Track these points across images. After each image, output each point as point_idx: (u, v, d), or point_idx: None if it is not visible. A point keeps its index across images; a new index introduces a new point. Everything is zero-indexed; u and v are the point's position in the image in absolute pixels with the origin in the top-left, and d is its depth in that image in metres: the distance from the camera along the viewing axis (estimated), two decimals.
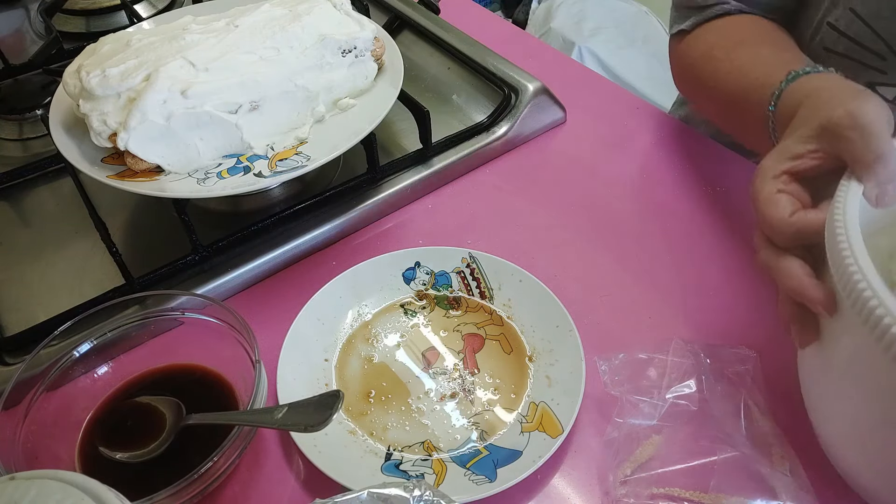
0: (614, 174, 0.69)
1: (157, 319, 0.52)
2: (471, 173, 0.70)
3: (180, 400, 0.48)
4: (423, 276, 0.58)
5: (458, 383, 0.52)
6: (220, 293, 0.58)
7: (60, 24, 0.88)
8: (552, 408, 0.48)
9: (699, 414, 0.46)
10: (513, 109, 0.72)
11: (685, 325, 0.55)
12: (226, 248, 0.59)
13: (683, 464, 0.45)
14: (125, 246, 0.59)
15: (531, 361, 0.53)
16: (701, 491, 0.43)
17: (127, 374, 0.51)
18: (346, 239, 0.64)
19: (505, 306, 0.56)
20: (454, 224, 0.65)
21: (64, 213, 0.66)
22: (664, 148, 0.71)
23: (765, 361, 0.49)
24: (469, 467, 0.46)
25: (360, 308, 0.57)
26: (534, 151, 0.72)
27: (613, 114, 0.76)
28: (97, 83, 0.54)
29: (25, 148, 0.74)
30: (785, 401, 0.48)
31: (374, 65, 0.64)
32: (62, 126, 0.59)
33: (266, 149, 0.59)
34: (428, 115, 0.65)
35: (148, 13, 0.87)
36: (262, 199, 0.65)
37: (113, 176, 0.55)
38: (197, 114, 0.55)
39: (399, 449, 0.48)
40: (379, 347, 0.54)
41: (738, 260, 0.60)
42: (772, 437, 0.46)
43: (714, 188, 0.66)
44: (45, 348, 0.48)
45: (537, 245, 0.62)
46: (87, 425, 0.48)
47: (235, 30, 0.60)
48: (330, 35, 0.60)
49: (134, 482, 0.44)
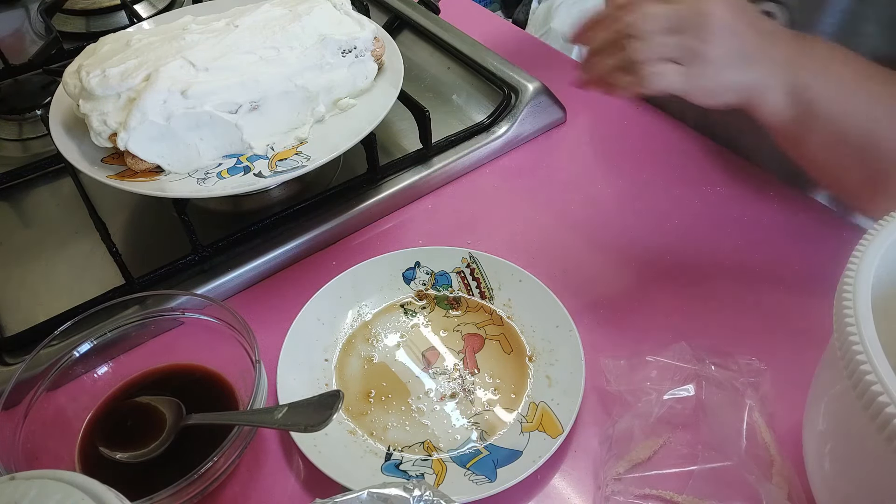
0: (614, 174, 0.69)
1: (157, 319, 0.52)
2: (471, 173, 0.70)
3: (180, 400, 0.48)
4: (423, 276, 0.58)
5: (458, 383, 0.52)
6: (220, 293, 0.58)
7: (60, 24, 0.88)
8: (552, 408, 0.48)
9: (699, 419, 0.46)
10: (513, 109, 0.72)
11: (689, 329, 0.55)
12: (226, 248, 0.59)
13: (678, 468, 0.45)
14: (125, 246, 0.59)
15: (531, 361, 0.53)
16: (695, 496, 0.43)
17: (127, 374, 0.51)
18: (346, 239, 0.64)
19: (505, 306, 0.56)
20: (454, 224, 0.65)
21: (64, 213, 0.66)
22: (664, 148, 0.71)
23: (776, 376, 0.48)
24: (469, 467, 0.46)
25: (360, 308, 0.57)
26: (534, 151, 0.72)
27: (613, 114, 0.76)
28: (97, 83, 0.54)
29: (25, 148, 0.74)
30: (793, 419, 0.47)
31: (374, 65, 0.64)
32: (62, 126, 0.59)
33: (266, 149, 0.59)
34: (428, 115, 0.65)
35: (148, 13, 0.87)
36: (262, 199, 0.65)
37: (113, 176, 0.55)
38: (197, 114, 0.55)
39: (399, 449, 0.48)
40: (379, 347, 0.54)
41: (741, 262, 0.60)
42: (774, 454, 0.45)
43: (714, 188, 0.66)
44: (45, 348, 0.48)
45: (537, 245, 0.62)
46: (87, 425, 0.48)
47: (235, 30, 0.60)
48: (330, 35, 0.61)
49: (134, 482, 0.44)
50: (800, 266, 0.59)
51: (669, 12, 0.45)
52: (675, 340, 0.49)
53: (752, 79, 0.48)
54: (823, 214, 0.64)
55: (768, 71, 0.48)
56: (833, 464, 0.39)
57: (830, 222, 0.63)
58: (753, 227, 0.62)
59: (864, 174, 0.50)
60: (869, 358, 0.32)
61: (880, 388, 0.31)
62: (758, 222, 0.63)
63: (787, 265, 0.59)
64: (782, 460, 0.45)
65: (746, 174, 0.68)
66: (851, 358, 0.32)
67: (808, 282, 0.58)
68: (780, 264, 0.59)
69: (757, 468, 0.44)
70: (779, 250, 0.60)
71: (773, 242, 0.61)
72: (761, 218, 0.63)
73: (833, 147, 0.50)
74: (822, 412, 0.39)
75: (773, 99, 0.48)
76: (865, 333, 0.33)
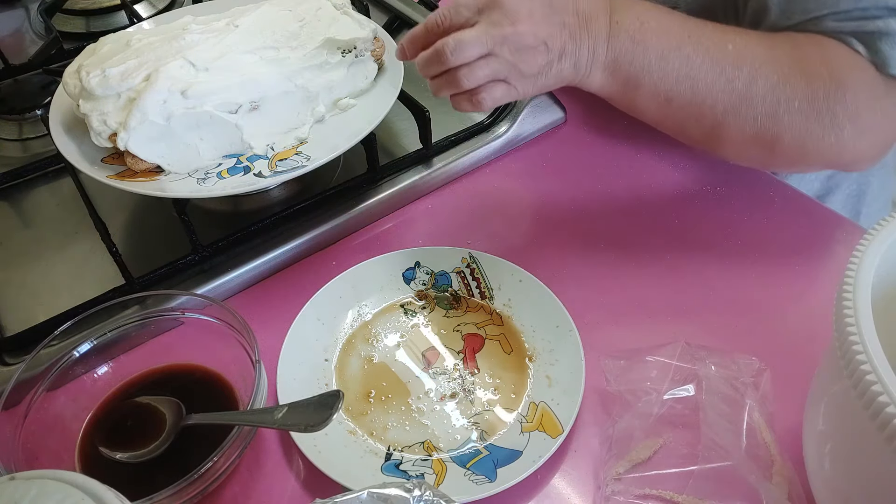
0: (614, 174, 0.69)
1: (157, 319, 0.52)
2: (471, 173, 0.70)
3: (180, 400, 0.48)
4: (423, 276, 0.58)
5: (458, 383, 0.52)
6: (220, 293, 0.58)
7: (60, 24, 0.88)
8: (552, 408, 0.48)
9: (699, 419, 0.46)
10: (513, 109, 0.72)
11: (689, 329, 0.55)
12: (226, 248, 0.59)
13: (678, 468, 0.45)
14: (125, 246, 0.59)
15: (531, 361, 0.53)
16: (695, 496, 0.43)
17: (127, 374, 0.51)
18: (346, 239, 0.64)
19: (505, 306, 0.56)
20: (454, 224, 0.65)
21: (64, 213, 0.66)
22: (664, 148, 0.71)
23: (776, 376, 0.49)
24: (469, 467, 0.46)
25: (360, 308, 0.57)
26: (534, 151, 0.72)
27: (613, 114, 0.76)
28: (97, 83, 0.54)
29: (25, 148, 0.74)
30: (793, 418, 0.47)
31: (374, 65, 0.64)
32: (62, 126, 0.59)
33: (266, 149, 0.59)
34: (428, 115, 0.65)
35: (148, 13, 0.87)
36: (262, 199, 0.65)
37: (113, 176, 0.55)
38: (197, 114, 0.55)
39: (399, 449, 0.48)
40: (379, 347, 0.54)
41: (741, 262, 0.60)
42: (774, 454, 0.45)
43: (715, 188, 0.66)
44: (45, 348, 0.48)
45: (537, 245, 0.62)
46: (87, 425, 0.48)
47: (235, 30, 0.60)
48: (330, 35, 0.61)
49: (134, 482, 0.44)
50: (800, 266, 0.59)
51: (481, 37, 0.48)
52: (675, 340, 0.49)
53: (570, 71, 0.51)
54: (823, 214, 0.64)
55: (584, 57, 0.51)
56: (833, 464, 0.39)
57: (831, 222, 0.63)
58: (753, 228, 0.62)
59: (702, 128, 0.54)
60: (869, 358, 0.32)
61: (880, 388, 0.31)
62: (758, 223, 0.63)
63: (787, 265, 0.59)
64: (782, 460, 0.45)
65: (746, 174, 0.68)
66: (851, 358, 0.32)
67: (808, 282, 0.58)
68: (780, 264, 0.59)
69: (757, 468, 0.44)
70: (779, 250, 0.60)
71: (774, 242, 0.61)
72: (762, 218, 0.63)
73: (664, 108, 0.54)
74: (822, 412, 0.39)
75: (595, 80, 0.53)
76: (865, 333, 0.33)
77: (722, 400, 0.47)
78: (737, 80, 0.51)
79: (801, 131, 0.52)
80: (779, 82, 0.51)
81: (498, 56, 0.49)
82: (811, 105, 0.51)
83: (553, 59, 0.50)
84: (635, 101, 0.55)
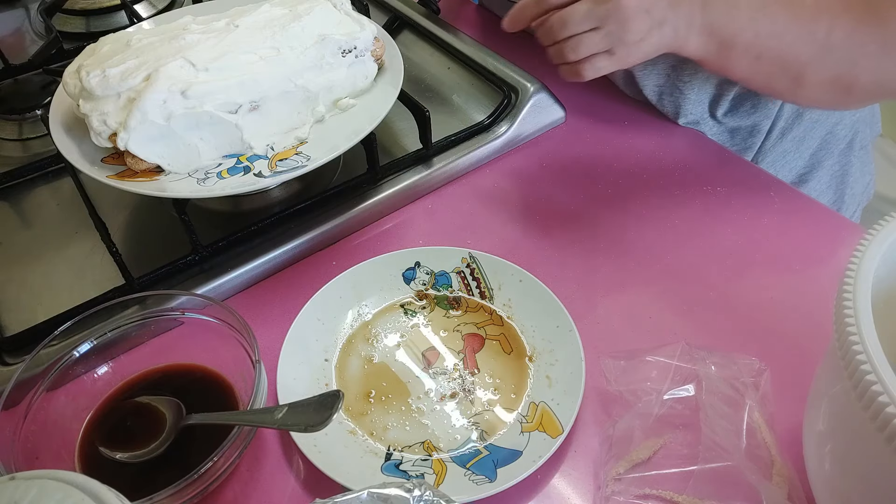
0: (614, 174, 0.69)
1: (157, 319, 0.52)
2: (471, 173, 0.70)
3: (180, 400, 0.48)
4: (423, 276, 0.58)
5: (458, 383, 0.52)
6: (220, 293, 0.58)
7: (60, 24, 0.88)
8: (552, 408, 0.48)
9: (699, 419, 0.46)
10: (513, 109, 0.72)
11: (689, 329, 0.55)
12: (226, 248, 0.59)
13: (678, 468, 0.45)
14: (125, 246, 0.59)
15: (531, 361, 0.53)
16: (695, 496, 0.43)
17: (127, 374, 0.51)
18: (346, 239, 0.64)
19: (505, 306, 0.56)
20: (454, 224, 0.65)
21: (64, 213, 0.66)
22: (664, 148, 0.71)
23: (776, 376, 0.48)
24: (469, 467, 0.46)
25: (360, 308, 0.57)
26: (534, 151, 0.72)
27: (613, 114, 0.76)
28: (97, 83, 0.54)
29: (25, 148, 0.74)
30: (793, 419, 0.47)
31: (374, 65, 0.64)
32: (62, 126, 0.59)
33: (266, 149, 0.59)
34: (428, 115, 0.65)
35: (148, 13, 0.87)
36: (262, 199, 0.65)
37: (113, 176, 0.55)
38: (197, 114, 0.55)
39: (399, 449, 0.48)
40: (379, 347, 0.54)
41: (741, 262, 0.60)
42: (774, 454, 0.45)
43: (714, 188, 0.66)
44: (45, 348, 0.48)
45: (537, 245, 0.62)
46: (87, 425, 0.48)
47: (235, 30, 0.60)
48: (330, 35, 0.60)
49: (134, 482, 0.44)
50: (800, 266, 0.59)
51: (590, 12, 0.53)
52: (675, 340, 0.49)
53: (670, 37, 0.55)
54: (823, 214, 0.64)
55: (682, 23, 0.55)
56: (833, 464, 0.39)
57: (830, 222, 0.63)
58: (753, 227, 0.62)
59: (787, 79, 0.59)
60: (869, 358, 0.32)
61: (880, 388, 0.31)
62: (758, 222, 0.63)
63: (787, 265, 0.59)
64: (782, 460, 0.45)
65: (746, 174, 0.68)
66: (851, 358, 0.32)
67: (808, 282, 0.58)
68: (780, 264, 0.59)
69: (757, 468, 0.44)
70: (779, 250, 0.60)
71: (773, 242, 0.61)
72: (761, 218, 0.63)
73: (754, 66, 0.58)
74: (822, 412, 0.39)
75: (692, 44, 0.56)
76: (865, 333, 0.33)
77: (722, 400, 0.47)
78: (818, 31, 0.55)
79: (877, 70, 0.56)
80: (856, 29, 0.55)
81: (602, 29, 0.53)
82: (885, 46, 0.55)
83: (654, 27, 0.54)
84: (728, 61, 0.58)
